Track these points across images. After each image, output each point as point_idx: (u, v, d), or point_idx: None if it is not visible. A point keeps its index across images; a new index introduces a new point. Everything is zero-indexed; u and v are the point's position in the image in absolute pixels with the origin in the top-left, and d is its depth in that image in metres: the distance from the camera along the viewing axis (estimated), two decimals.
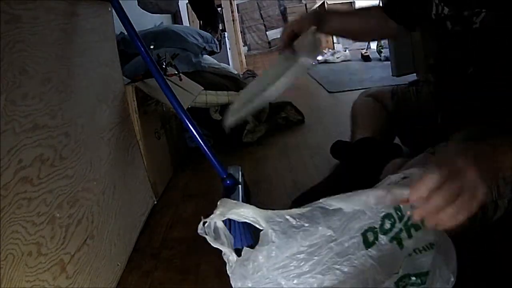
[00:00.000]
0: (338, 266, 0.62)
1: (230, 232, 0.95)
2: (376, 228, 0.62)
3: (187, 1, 3.44)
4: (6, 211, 0.62)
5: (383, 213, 0.62)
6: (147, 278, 0.93)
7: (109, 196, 0.99)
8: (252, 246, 0.81)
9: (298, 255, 0.63)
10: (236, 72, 2.76)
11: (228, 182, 1.06)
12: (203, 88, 1.73)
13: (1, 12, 0.68)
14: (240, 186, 1.06)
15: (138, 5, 2.08)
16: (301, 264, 0.62)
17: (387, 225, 0.62)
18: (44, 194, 0.73)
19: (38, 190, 0.71)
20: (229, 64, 3.32)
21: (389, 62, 2.57)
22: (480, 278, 0.77)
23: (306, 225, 0.63)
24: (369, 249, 0.62)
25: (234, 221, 0.96)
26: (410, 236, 0.61)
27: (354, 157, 1.11)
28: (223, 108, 1.87)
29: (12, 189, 0.64)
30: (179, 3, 3.17)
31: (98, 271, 0.86)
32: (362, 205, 0.60)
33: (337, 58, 4.09)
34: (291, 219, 0.64)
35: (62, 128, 0.83)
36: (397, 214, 0.61)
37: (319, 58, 4.23)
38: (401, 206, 0.61)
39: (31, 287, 0.65)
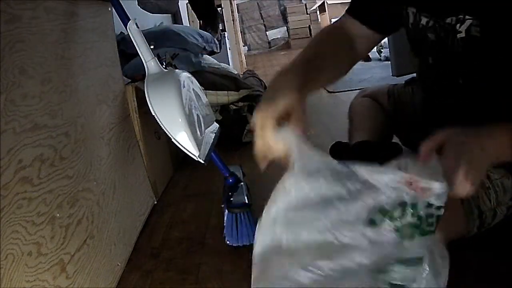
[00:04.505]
0: (335, 232, 0.58)
1: (237, 229, 0.97)
2: (387, 210, 0.58)
3: (187, 1, 3.44)
4: (6, 211, 0.62)
5: (400, 200, 0.58)
6: (147, 278, 0.93)
7: (109, 196, 0.99)
8: None
9: (306, 202, 0.60)
10: (236, 72, 2.76)
11: (230, 180, 1.07)
12: (203, 88, 1.73)
13: (1, 12, 0.68)
14: (242, 183, 1.07)
15: (138, 5, 2.08)
16: (304, 215, 0.59)
17: (398, 213, 0.58)
18: (44, 194, 0.73)
19: (38, 190, 0.71)
20: (229, 64, 3.32)
21: (389, 62, 2.57)
22: (480, 281, 0.77)
23: (327, 173, 0.59)
24: (369, 228, 0.58)
25: (241, 218, 0.98)
26: (411, 237, 0.58)
27: (353, 158, 1.10)
28: (223, 108, 1.87)
29: (12, 189, 0.64)
30: (179, 3, 3.17)
31: (98, 271, 0.86)
32: (381, 184, 0.58)
33: None
34: (317, 158, 0.61)
35: (62, 128, 0.83)
36: (412, 209, 0.58)
37: None
38: (419, 203, 0.57)
39: (31, 287, 0.65)
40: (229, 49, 3.76)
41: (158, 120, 0.95)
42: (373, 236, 0.58)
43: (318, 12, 6.51)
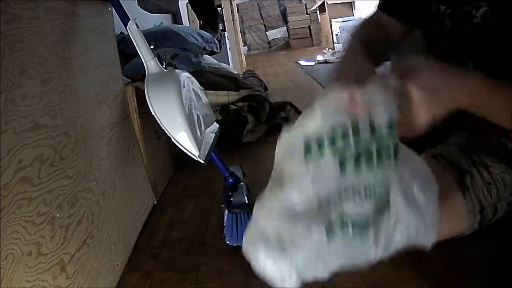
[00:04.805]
0: (285, 162, 0.54)
1: (237, 229, 0.98)
2: (322, 139, 0.52)
3: (187, 1, 3.44)
4: (6, 211, 0.62)
5: (340, 128, 0.52)
6: (147, 278, 0.93)
7: (109, 196, 0.99)
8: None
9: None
10: (236, 72, 2.76)
11: (230, 180, 1.07)
12: (203, 88, 1.74)
13: (1, 12, 0.68)
14: (242, 183, 1.07)
15: (138, 5, 2.08)
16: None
17: (338, 142, 0.52)
18: (44, 194, 0.73)
19: (38, 190, 0.71)
20: (229, 64, 3.32)
21: (389, 62, 2.57)
22: (479, 277, 0.77)
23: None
24: (309, 160, 0.52)
25: (241, 218, 0.98)
26: (357, 165, 0.51)
27: None
28: (223, 108, 1.87)
29: (12, 189, 0.64)
30: (179, 3, 3.17)
31: (98, 271, 0.86)
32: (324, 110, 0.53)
33: (337, 58, 4.09)
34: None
35: (62, 128, 0.83)
36: (353, 137, 0.52)
37: (319, 58, 4.23)
38: (363, 130, 0.52)
39: (31, 287, 0.65)
40: (229, 49, 3.76)
41: (158, 120, 0.95)
42: (314, 169, 0.52)
43: (318, 12, 6.51)
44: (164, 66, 1.43)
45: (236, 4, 6.01)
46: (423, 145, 0.90)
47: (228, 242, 0.99)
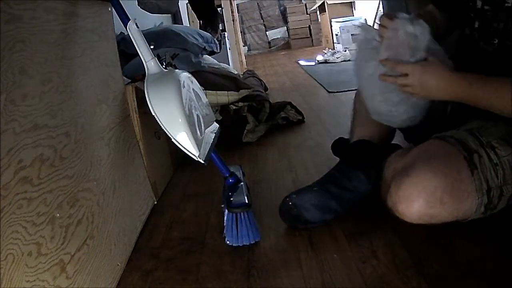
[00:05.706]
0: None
1: (237, 228, 0.98)
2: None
3: (187, 1, 3.44)
4: (6, 211, 0.62)
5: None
6: (147, 278, 0.93)
7: (109, 196, 0.99)
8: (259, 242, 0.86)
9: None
10: (236, 72, 2.76)
11: (230, 180, 1.07)
12: (203, 88, 1.73)
13: (1, 12, 0.68)
14: (242, 183, 1.06)
15: (138, 5, 2.08)
16: None
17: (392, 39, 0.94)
18: (44, 194, 0.73)
19: (38, 190, 0.71)
20: (229, 64, 3.32)
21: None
22: (480, 277, 0.77)
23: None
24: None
25: (241, 218, 0.98)
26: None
27: (352, 159, 1.10)
28: (223, 108, 1.87)
29: (12, 189, 0.64)
30: (179, 3, 3.17)
31: (98, 271, 0.86)
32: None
33: (337, 58, 4.09)
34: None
35: (62, 128, 0.83)
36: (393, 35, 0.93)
37: (319, 58, 4.23)
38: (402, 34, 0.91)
39: (31, 287, 0.65)
40: (229, 49, 3.76)
41: (158, 120, 0.95)
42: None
43: (318, 12, 6.50)
44: (164, 66, 1.43)
45: (236, 4, 6.01)
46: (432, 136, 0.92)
47: (228, 242, 0.99)
